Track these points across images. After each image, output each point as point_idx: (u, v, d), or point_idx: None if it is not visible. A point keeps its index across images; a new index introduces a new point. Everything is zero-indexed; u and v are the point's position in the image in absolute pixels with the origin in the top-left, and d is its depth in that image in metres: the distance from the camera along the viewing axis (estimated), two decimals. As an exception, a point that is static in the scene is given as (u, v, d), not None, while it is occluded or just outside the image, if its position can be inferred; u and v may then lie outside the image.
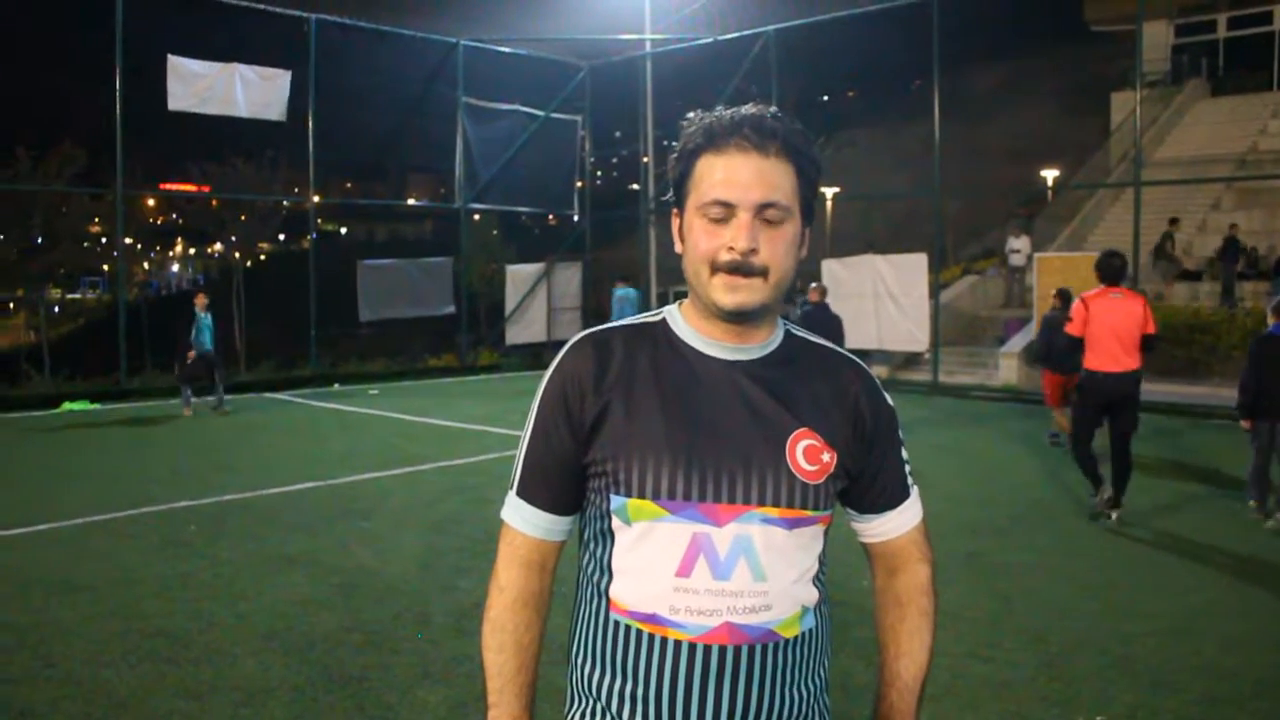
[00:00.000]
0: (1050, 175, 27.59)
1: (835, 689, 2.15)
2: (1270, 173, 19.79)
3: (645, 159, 21.87)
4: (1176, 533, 7.35)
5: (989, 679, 4.60)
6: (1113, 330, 7.42)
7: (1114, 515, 7.58)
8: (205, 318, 13.72)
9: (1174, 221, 19.90)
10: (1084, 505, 8.02)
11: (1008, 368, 16.53)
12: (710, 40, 20.03)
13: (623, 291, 19.34)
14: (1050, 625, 5.30)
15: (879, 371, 16.72)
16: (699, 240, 1.48)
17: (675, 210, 1.55)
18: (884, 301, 16.54)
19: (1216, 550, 6.89)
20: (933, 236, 17.84)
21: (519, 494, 1.59)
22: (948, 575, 5.97)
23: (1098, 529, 7.47)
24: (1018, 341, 16.61)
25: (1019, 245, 20.08)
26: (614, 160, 39.86)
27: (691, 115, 1.54)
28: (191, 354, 13.51)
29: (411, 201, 37.82)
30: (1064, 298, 10.54)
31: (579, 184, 22.49)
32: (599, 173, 39.09)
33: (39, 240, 28.75)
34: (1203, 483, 9.08)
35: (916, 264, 16.47)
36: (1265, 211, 20.31)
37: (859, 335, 16.39)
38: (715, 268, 1.47)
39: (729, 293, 1.46)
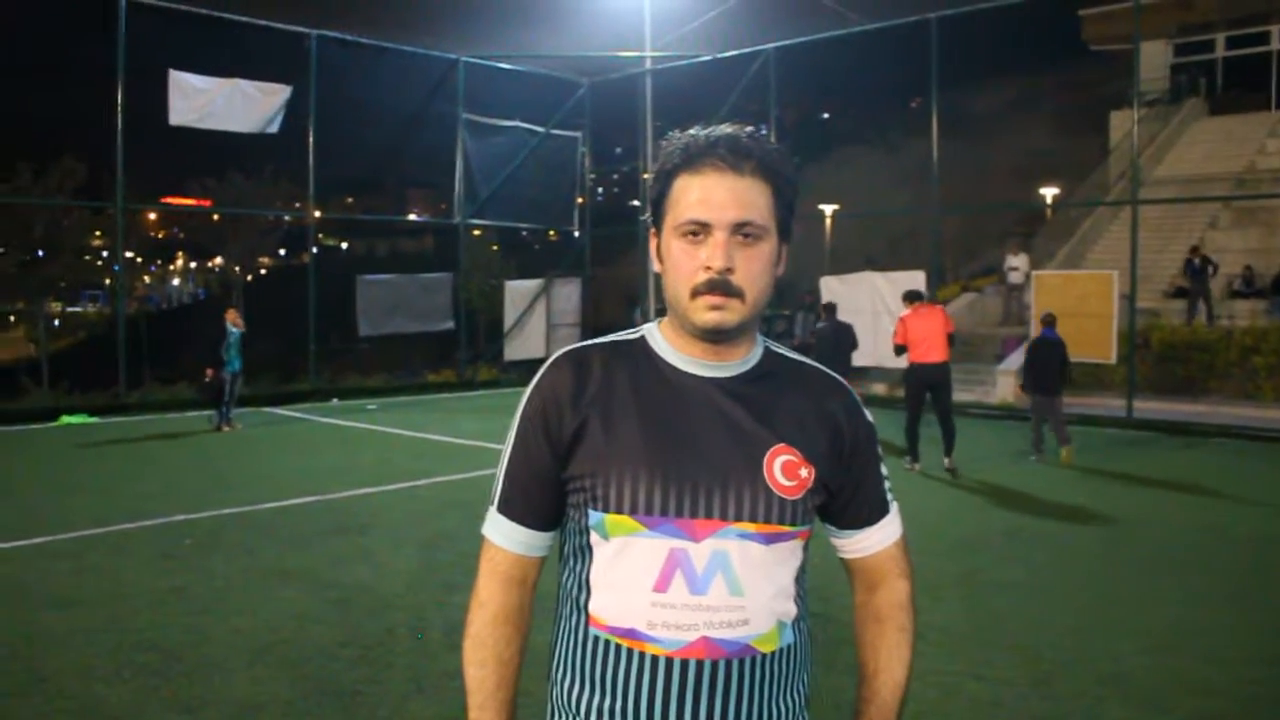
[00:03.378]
0: (1049, 193, 27.64)
1: (826, 707, 2.16)
2: (1267, 192, 19.84)
3: (645, 175, 21.92)
4: (1169, 550, 7.36)
5: (980, 697, 4.60)
6: (925, 334, 10.22)
7: (919, 468, 10.37)
8: (236, 334, 13.47)
9: None
10: (1079, 519, 8.12)
11: (1005, 385, 16.52)
12: (710, 58, 20.10)
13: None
14: (1042, 643, 5.30)
15: (877, 389, 16.71)
16: (677, 260, 1.50)
17: (653, 230, 1.57)
18: (882, 318, 16.54)
19: (1209, 567, 6.89)
20: (931, 254, 17.85)
21: (499, 510, 1.60)
22: (940, 593, 6.00)
23: (1091, 546, 7.49)
24: (1015, 359, 16.60)
25: (1017, 263, 20.09)
26: (614, 176, 39.94)
27: (674, 135, 1.56)
28: (211, 372, 13.34)
29: (411, 217, 37.89)
30: (830, 310, 12.98)
31: (579, 200, 22.53)
32: (599, 189, 39.20)
33: (39, 253, 28.77)
34: (1197, 500, 9.09)
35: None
36: (1262, 230, 20.34)
37: (857, 352, 16.40)
38: (694, 289, 1.48)
39: (707, 313, 1.48)
